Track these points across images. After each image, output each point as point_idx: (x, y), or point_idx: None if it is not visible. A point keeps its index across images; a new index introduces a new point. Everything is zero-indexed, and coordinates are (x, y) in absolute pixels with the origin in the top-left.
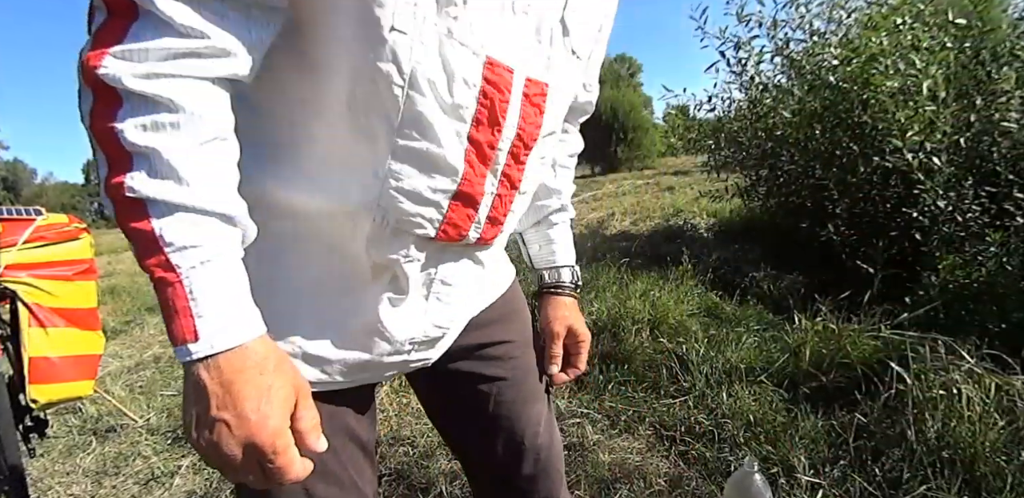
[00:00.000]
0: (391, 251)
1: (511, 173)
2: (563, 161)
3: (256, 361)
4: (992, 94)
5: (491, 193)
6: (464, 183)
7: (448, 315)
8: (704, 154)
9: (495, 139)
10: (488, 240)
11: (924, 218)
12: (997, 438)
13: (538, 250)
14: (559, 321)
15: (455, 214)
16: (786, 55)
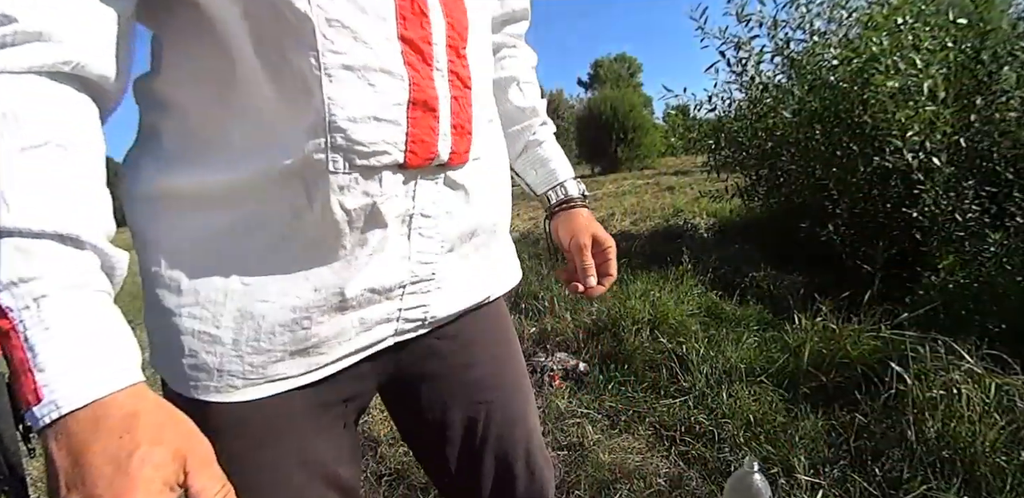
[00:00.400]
0: (363, 194)
1: (458, 70)
2: (524, 77)
3: (117, 421)
4: (992, 94)
5: (446, 96)
6: (415, 89)
7: (433, 248)
8: (704, 154)
9: (427, 33)
10: (462, 155)
11: (924, 218)
12: (997, 438)
13: (535, 175)
14: (583, 232)
15: (418, 128)
16: (786, 55)
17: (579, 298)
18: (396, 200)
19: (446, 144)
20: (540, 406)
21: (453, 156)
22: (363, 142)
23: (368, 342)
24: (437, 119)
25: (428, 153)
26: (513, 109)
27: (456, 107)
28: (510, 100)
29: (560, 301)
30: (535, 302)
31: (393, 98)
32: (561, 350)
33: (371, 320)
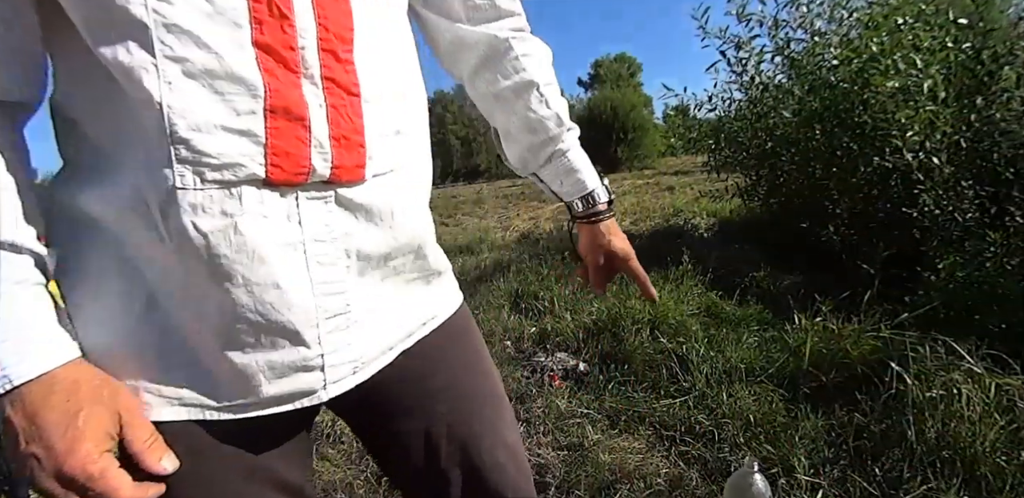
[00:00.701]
0: (221, 214)
1: (337, 76)
2: (544, 79)
3: (64, 387)
4: (992, 94)
5: (319, 104)
6: (273, 96)
7: (337, 276)
8: (704, 154)
9: (289, 37)
10: (352, 170)
11: (924, 218)
12: (997, 438)
13: (561, 184)
14: (602, 249)
15: (280, 139)
16: (787, 55)
17: (579, 298)
18: (269, 223)
19: (324, 158)
20: (540, 406)
21: (339, 171)
22: (211, 153)
23: (290, 390)
24: (307, 129)
25: (298, 167)
26: (535, 118)
27: (335, 116)
28: (531, 108)
29: (560, 301)
30: (535, 302)
31: (245, 106)
32: (561, 350)
33: (282, 366)
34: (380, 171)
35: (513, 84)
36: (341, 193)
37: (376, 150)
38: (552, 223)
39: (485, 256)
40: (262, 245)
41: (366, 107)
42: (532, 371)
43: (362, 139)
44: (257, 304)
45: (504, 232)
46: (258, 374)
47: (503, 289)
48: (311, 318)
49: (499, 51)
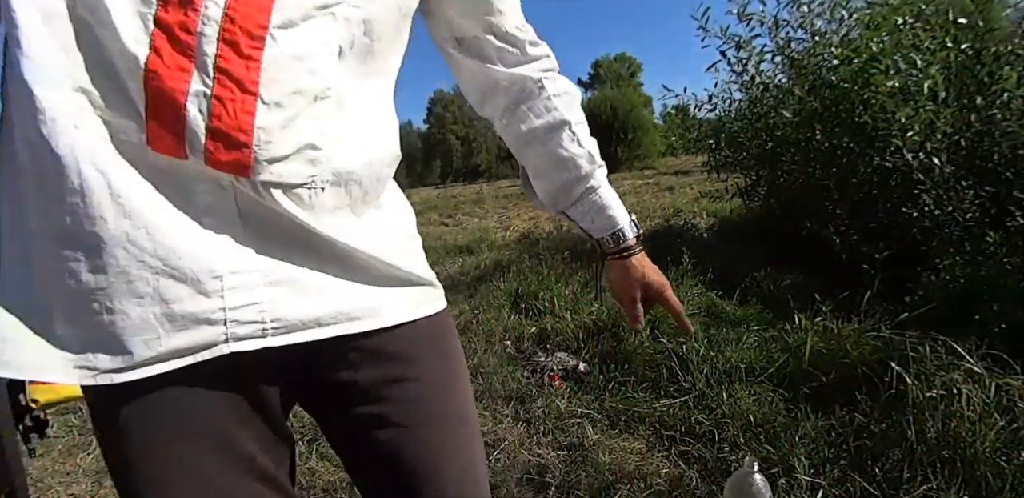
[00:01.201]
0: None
1: (233, 69)
2: (576, 117)
3: None
4: (993, 94)
5: (199, 93)
6: (151, 76)
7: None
8: (704, 154)
9: (190, 20)
10: (235, 168)
11: (924, 218)
12: (997, 438)
13: (592, 222)
14: (635, 285)
15: (156, 120)
16: (787, 55)
17: (579, 298)
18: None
19: (196, 149)
20: (540, 406)
21: (217, 165)
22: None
23: (189, 343)
24: (181, 119)
25: (173, 151)
26: (567, 156)
27: (220, 110)
28: (563, 147)
29: (560, 301)
30: (535, 302)
31: (131, 80)
32: (561, 350)
33: (182, 317)
34: (277, 181)
35: (545, 123)
36: (236, 181)
37: (270, 155)
38: (552, 223)
39: (485, 256)
40: (152, 192)
41: (262, 109)
42: (532, 371)
43: (247, 139)
44: (158, 248)
45: (504, 232)
46: (156, 327)
47: (503, 289)
48: (214, 268)
49: (532, 91)
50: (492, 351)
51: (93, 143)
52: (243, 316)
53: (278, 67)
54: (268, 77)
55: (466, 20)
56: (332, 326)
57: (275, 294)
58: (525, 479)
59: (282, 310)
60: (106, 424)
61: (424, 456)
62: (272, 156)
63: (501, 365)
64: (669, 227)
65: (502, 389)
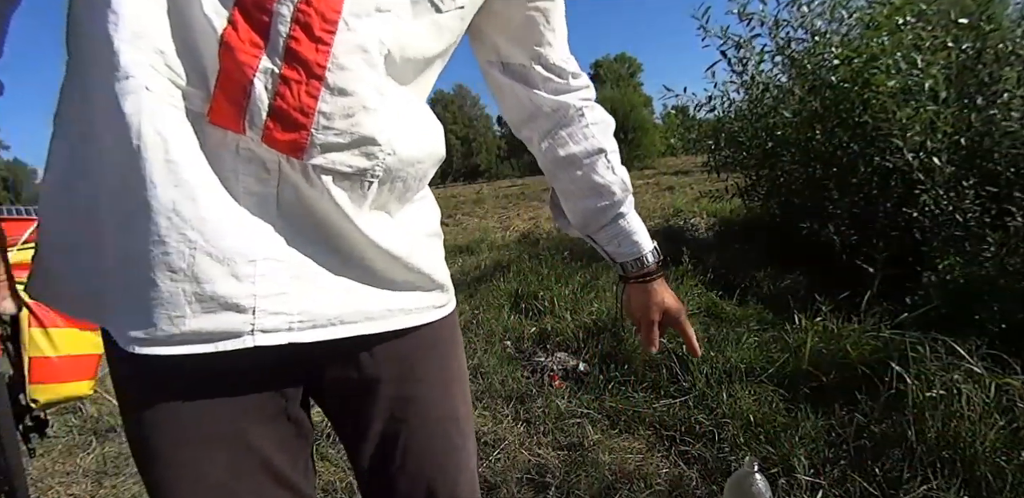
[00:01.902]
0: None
1: (303, 51)
2: (612, 146)
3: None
4: (993, 94)
5: (268, 71)
6: (225, 50)
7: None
8: (704, 154)
9: (267, 0)
10: (289, 148)
11: (924, 218)
12: (997, 438)
13: (617, 246)
14: (654, 309)
15: (223, 92)
16: (787, 55)
17: (579, 298)
18: (211, 153)
19: (256, 125)
20: (540, 406)
21: (272, 143)
22: (174, 77)
23: (213, 328)
24: (247, 93)
25: (232, 124)
26: (602, 183)
27: (285, 90)
28: (598, 173)
29: (560, 301)
30: (535, 302)
31: (207, 53)
32: (561, 350)
33: (211, 299)
34: (329, 167)
35: (583, 149)
36: (285, 163)
37: (326, 141)
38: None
39: (485, 256)
40: (202, 165)
41: (326, 93)
42: (532, 371)
43: (307, 121)
44: (201, 223)
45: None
46: (184, 305)
47: (503, 289)
48: (249, 251)
49: (572, 118)
50: (492, 351)
51: (159, 107)
52: (271, 305)
53: (347, 54)
54: (336, 63)
55: (514, 48)
56: (353, 325)
57: (303, 288)
58: (525, 479)
59: (308, 304)
60: (123, 390)
61: (423, 453)
62: (329, 142)
63: (501, 365)
64: (669, 227)
65: (502, 389)
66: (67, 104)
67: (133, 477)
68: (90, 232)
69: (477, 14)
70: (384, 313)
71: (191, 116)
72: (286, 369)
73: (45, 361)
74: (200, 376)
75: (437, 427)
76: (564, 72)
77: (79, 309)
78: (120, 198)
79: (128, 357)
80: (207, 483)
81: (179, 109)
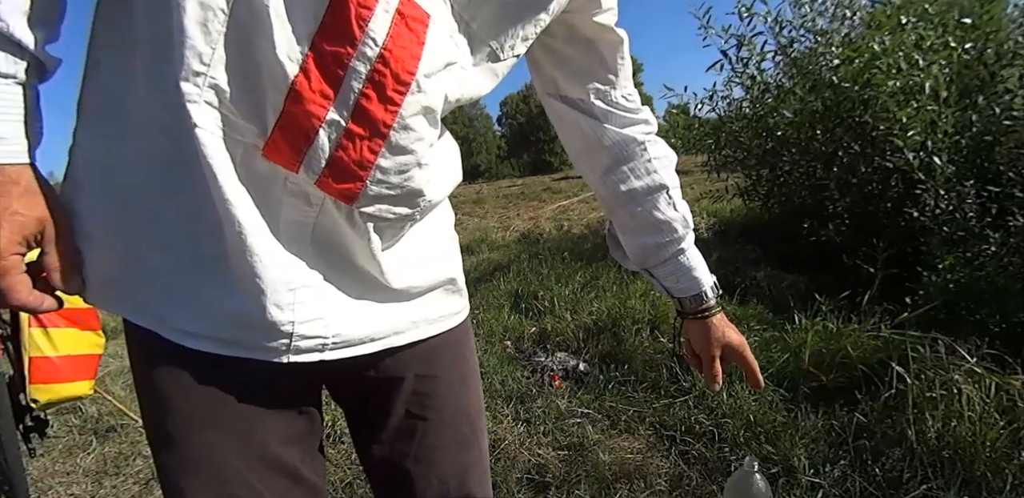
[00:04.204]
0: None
1: (372, 109)
2: (673, 182)
3: (2, 182)
4: (994, 94)
5: (334, 123)
6: (293, 97)
7: (311, 252)
8: (705, 154)
9: (345, 53)
10: (341, 194)
11: (925, 218)
12: (997, 438)
13: (676, 282)
14: (715, 344)
15: (283, 133)
16: (789, 54)
17: (579, 298)
18: (261, 183)
19: (313, 172)
20: (540, 406)
21: (325, 188)
22: (232, 110)
23: (251, 343)
24: (308, 141)
25: (288, 163)
26: (663, 219)
27: (348, 143)
28: (660, 209)
29: (560, 301)
30: (535, 302)
31: (272, 92)
32: (561, 350)
33: (253, 321)
34: (376, 215)
35: (645, 185)
36: (330, 202)
37: (379, 192)
38: (552, 223)
39: (485, 256)
40: (248, 197)
41: (387, 151)
42: (532, 371)
43: (364, 174)
44: (247, 250)
45: (504, 232)
46: (228, 322)
47: (503, 289)
48: (290, 279)
49: (634, 153)
50: (492, 351)
51: (210, 140)
52: (309, 330)
53: (414, 115)
54: (402, 123)
55: (574, 84)
56: (382, 340)
57: (337, 310)
58: (525, 479)
59: (342, 326)
60: (145, 374)
61: (438, 447)
62: (381, 194)
63: (501, 365)
64: None
65: (502, 389)
66: (97, 100)
67: (133, 477)
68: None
69: (537, 50)
70: (410, 325)
71: (242, 146)
72: (310, 373)
73: (45, 361)
74: (222, 370)
75: (452, 422)
76: (626, 108)
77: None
78: (165, 214)
79: (162, 345)
80: (216, 472)
81: (231, 141)
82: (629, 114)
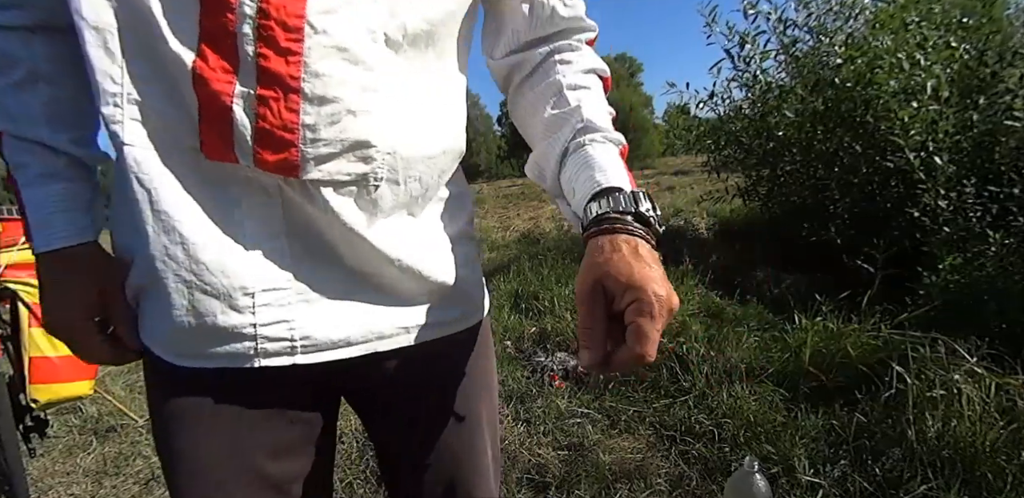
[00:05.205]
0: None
1: (273, 66)
2: (574, 80)
3: (69, 262)
4: (996, 94)
5: (244, 94)
6: (198, 82)
7: (277, 249)
8: (705, 154)
9: (228, 21)
10: (283, 168)
11: (925, 218)
12: (997, 438)
13: (572, 192)
14: (587, 272)
15: (208, 124)
16: (791, 54)
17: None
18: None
19: (244, 152)
20: (540, 406)
21: (265, 165)
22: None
23: (223, 352)
24: (229, 122)
25: (224, 156)
26: (551, 116)
27: (265, 111)
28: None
29: (560, 301)
30: (535, 302)
31: (184, 88)
32: (561, 350)
33: (214, 330)
34: (327, 179)
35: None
36: (284, 185)
37: (318, 153)
38: (552, 223)
39: (485, 256)
40: (196, 205)
41: (306, 105)
42: (532, 371)
43: (293, 138)
44: (193, 264)
45: (504, 232)
46: (190, 335)
47: (503, 289)
48: (246, 284)
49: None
50: None
51: (142, 157)
52: (273, 333)
53: (321, 59)
54: (311, 70)
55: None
56: (362, 345)
57: (308, 312)
58: (525, 479)
59: (312, 328)
60: (148, 382)
61: (443, 453)
62: (320, 154)
63: (501, 365)
64: (669, 227)
65: (502, 389)
66: None
67: (133, 477)
68: None
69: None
70: (397, 331)
71: (188, 154)
72: (294, 378)
73: (45, 361)
74: (201, 381)
75: (455, 430)
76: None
77: None
78: (127, 246)
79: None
80: (200, 486)
81: (171, 150)
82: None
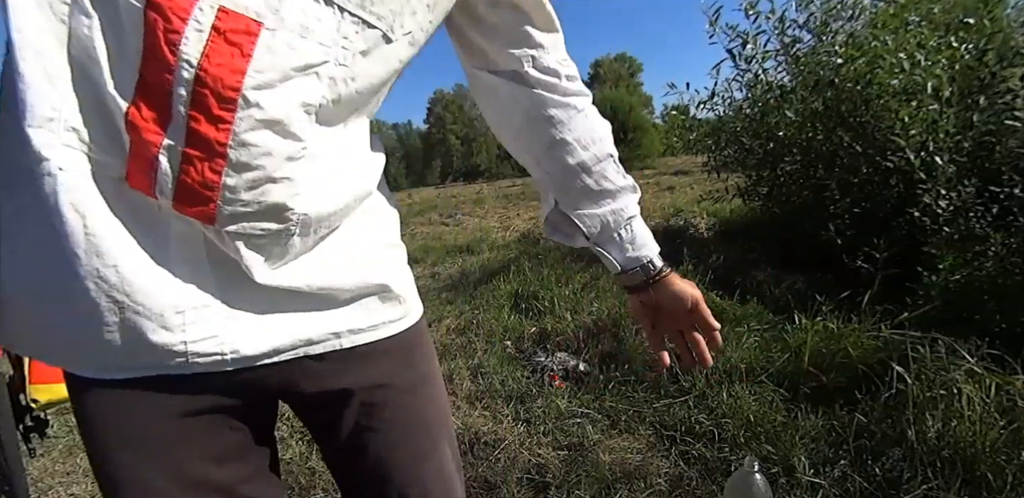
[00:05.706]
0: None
1: (203, 129)
2: (611, 148)
3: None
4: (996, 93)
5: (171, 148)
6: (131, 127)
7: (201, 269)
8: (704, 154)
9: (165, 80)
10: (200, 216)
11: (926, 218)
12: (997, 438)
13: (631, 250)
14: (688, 297)
15: (135, 161)
16: (792, 54)
17: (579, 298)
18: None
19: (165, 195)
20: (540, 406)
21: (184, 211)
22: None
23: (154, 363)
24: (154, 170)
25: (145, 189)
26: (616, 186)
27: (189, 168)
28: (610, 178)
29: (560, 301)
30: (535, 302)
31: (117, 116)
32: (561, 350)
33: (146, 346)
34: (241, 233)
35: (593, 155)
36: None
37: (235, 211)
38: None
39: (485, 256)
40: (124, 230)
41: (229, 170)
42: (532, 371)
43: (212, 194)
44: (125, 286)
45: (504, 232)
46: (121, 351)
47: (503, 289)
48: (176, 303)
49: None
50: (492, 351)
51: (75, 182)
52: (203, 348)
53: (250, 131)
54: (238, 140)
55: (505, 54)
56: (291, 351)
57: (234, 327)
58: (525, 479)
59: (240, 342)
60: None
61: (391, 461)
62: (237, 212)
63: (501, 365)
64: (669, 227)
65: (502, 389)
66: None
67: None
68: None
69: (461, 21)
70: (327, 336)
71: (111, 183)
72: (231, 388)
73: None
74: (132, 391)
75: (407, 434)
76: (564, 74)
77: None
78: (44, 261)
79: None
80: (140, 492)
81: (100, 176)
82: (567, 82)
